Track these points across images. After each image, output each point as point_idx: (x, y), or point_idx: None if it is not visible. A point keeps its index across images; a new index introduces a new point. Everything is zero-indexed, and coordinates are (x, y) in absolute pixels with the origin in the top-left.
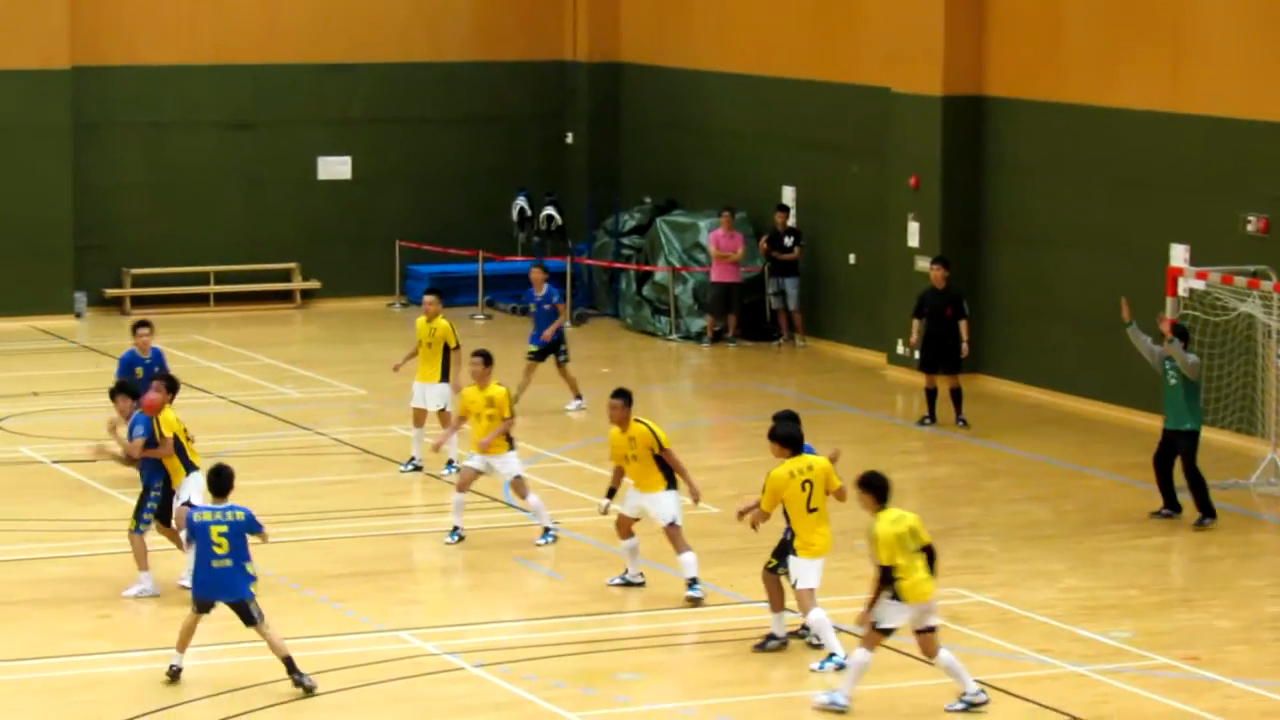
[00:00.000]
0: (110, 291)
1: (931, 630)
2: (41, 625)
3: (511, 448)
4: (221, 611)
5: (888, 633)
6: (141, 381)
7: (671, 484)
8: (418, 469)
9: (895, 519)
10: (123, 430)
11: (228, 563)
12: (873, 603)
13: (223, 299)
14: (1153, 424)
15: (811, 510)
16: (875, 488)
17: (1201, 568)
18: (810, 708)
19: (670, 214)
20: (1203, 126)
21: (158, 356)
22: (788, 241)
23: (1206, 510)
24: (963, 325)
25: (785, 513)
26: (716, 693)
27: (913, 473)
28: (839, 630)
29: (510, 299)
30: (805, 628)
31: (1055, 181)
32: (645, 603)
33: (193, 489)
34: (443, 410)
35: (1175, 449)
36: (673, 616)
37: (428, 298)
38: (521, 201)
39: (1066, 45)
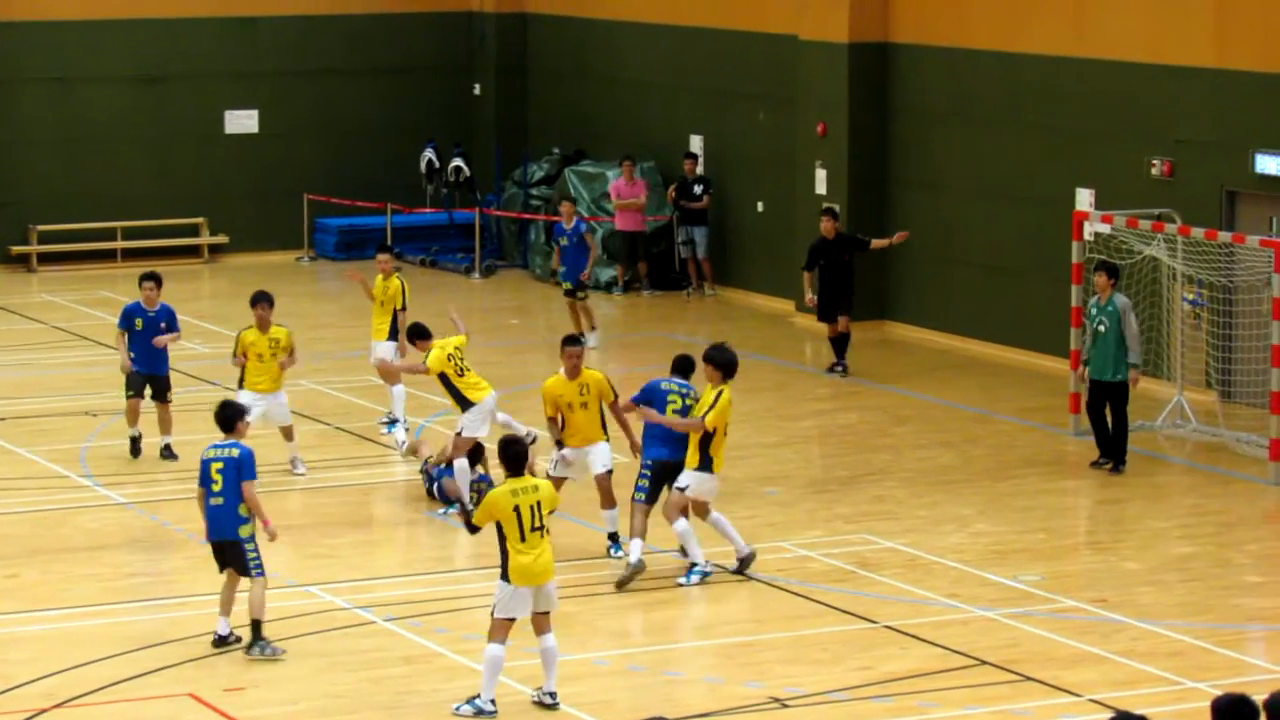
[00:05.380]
0: (16, 248)
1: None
2: None
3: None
4: (129, 566)
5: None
6: (142, 334)
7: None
8: (394, 421)
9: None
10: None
11: (220, 500)
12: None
13: (130, 254)
14: (1057, 367)
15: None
16: None
17: (1108, 510)
18: None
19: (579, 164)
20: (1106, 71)
21: (169, 312)
22: (696, 190)
23: (1119, 458)
24: (874, 243)
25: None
26: (629, 642)
27: (822, 419)
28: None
29: (419, 251)
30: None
31: (961, 127)
32: (557, 555)
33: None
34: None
35: (1107, 398)
36: (586, 566)
37: (381, 256)
38: (429, 153)
39: None
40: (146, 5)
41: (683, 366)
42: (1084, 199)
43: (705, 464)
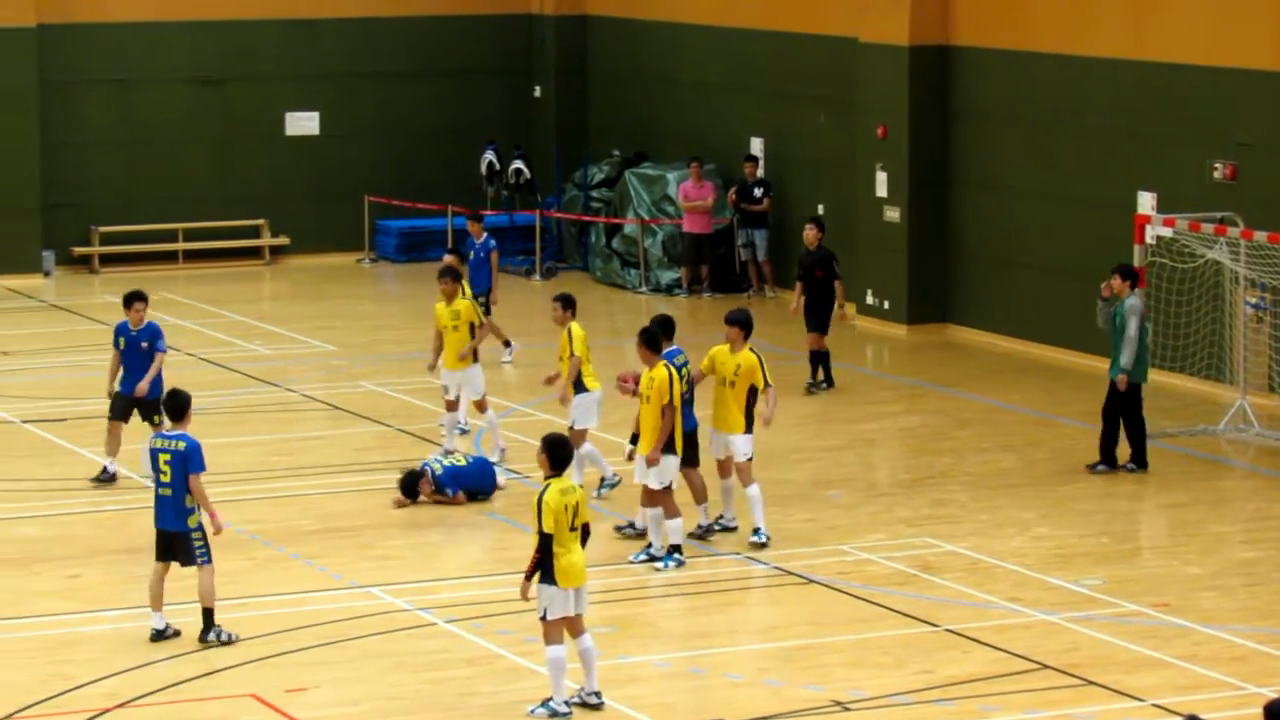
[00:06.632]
0: (78, 250)
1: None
2: (10, 586)
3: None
4: (190, 567)
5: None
6: (126, 354)
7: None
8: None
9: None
10: None
11: (168, 491)
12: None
13: (191, 256)
14: None
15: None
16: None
17: (1171, 514)
18: None
19: (639, 166)
20: (1168, 74)
21: (152, 331)
22: (756, 193)
23: (1140, 459)
24: (836, 286)
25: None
26: (690, 645)
27: (884, 423)
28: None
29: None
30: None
31: (1022, 130)
32: (618, 556)
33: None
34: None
35: (1120, 400)
36: (645, 570)
37: (448, 258)
38: (490, 155)
39: None
40: (207, 7)
41: (671, 330)
42: (1146, 202)
43: (750, 425)
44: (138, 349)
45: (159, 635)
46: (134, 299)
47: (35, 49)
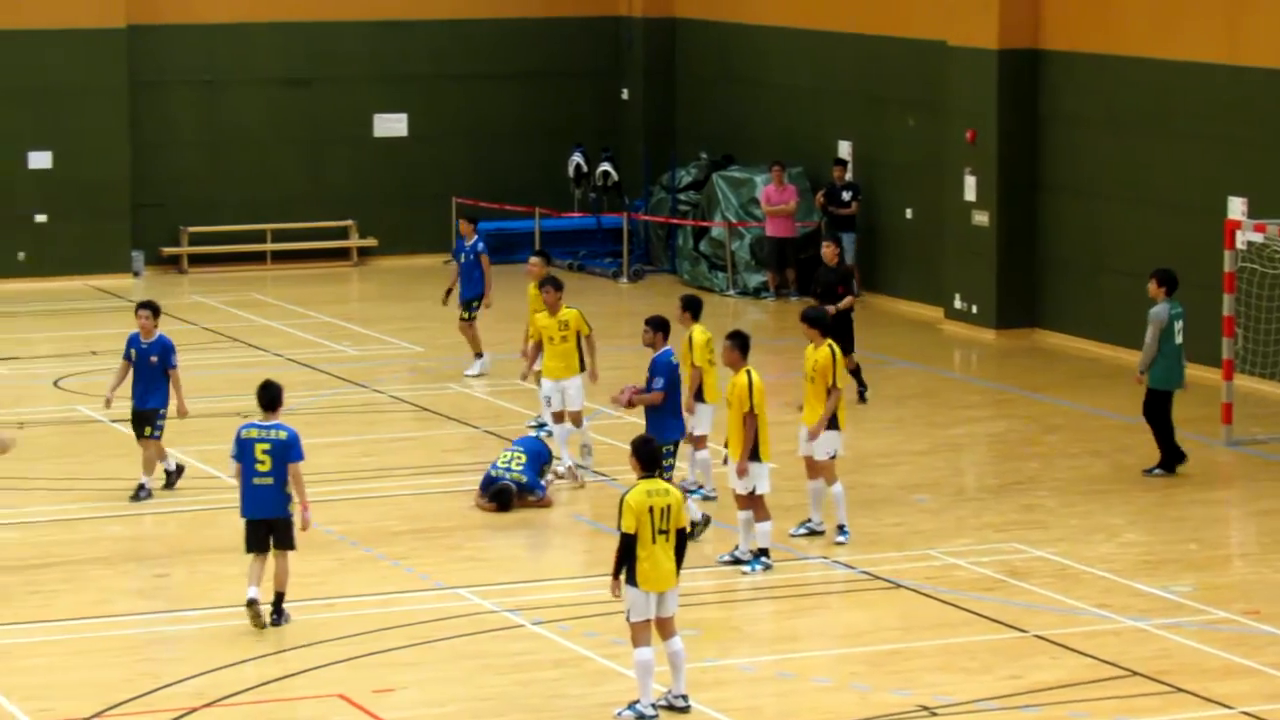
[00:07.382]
0: (168, 250)
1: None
2: (99, 585)
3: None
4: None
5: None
6: (136, 366)
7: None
8: (542, 424)
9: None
10: None
11: (269, 480)
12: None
13: (280, 257)
14: (1209, 377)
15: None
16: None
17: (1260, 521)
18: None
19: (727, 169)
20: (1259, 78)
21: (162, 346)
22: (845, 196)
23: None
24: (846, 300)
25: None
26: (777, 649)
27: (972, 427)
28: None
29: (566, 255)
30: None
31: (1111, 135)
32: (704, 559)
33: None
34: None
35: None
36: (731, 573)
37: (532, 260)
38: (578, 158)
39: None
40: (295, 8)
41: (666, 329)
42: (1236, 207)
43: (835, 421)
44: (147, 362)
45: (253, 603)
46: (139, 308)
47: (125, 50)
